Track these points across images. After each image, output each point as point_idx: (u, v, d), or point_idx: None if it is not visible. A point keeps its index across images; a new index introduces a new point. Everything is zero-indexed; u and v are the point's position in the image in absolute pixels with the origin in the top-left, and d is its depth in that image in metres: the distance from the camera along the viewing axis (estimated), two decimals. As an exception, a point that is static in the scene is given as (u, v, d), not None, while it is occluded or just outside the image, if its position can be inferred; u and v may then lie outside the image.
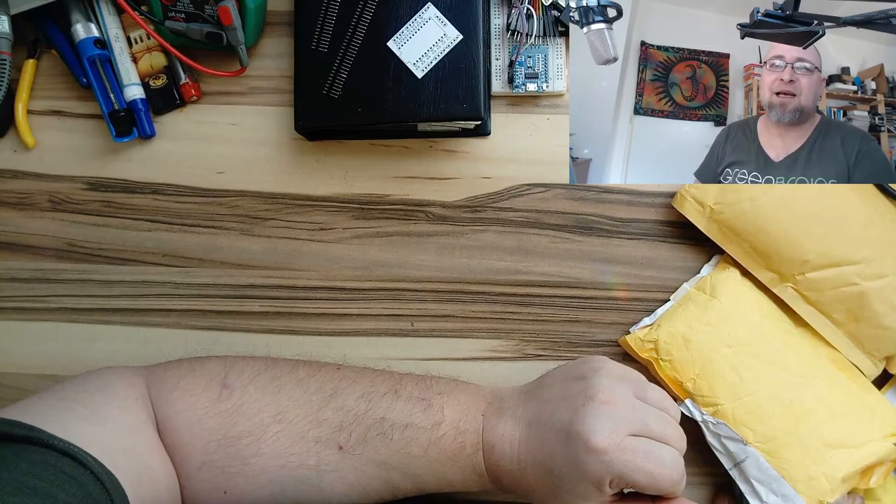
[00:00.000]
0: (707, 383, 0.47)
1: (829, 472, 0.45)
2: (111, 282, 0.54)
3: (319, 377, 0.44)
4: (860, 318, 0.48)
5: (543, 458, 0.40)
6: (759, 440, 0.46)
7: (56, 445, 0.34)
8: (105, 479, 0.35)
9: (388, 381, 0.44)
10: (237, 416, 0.43)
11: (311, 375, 0.44)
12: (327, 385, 0.44)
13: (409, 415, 0.42)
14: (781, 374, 0.46)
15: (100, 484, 0.34)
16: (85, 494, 0.33)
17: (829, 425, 0.45)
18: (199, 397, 0.43)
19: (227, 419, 0.42)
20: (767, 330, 0.48)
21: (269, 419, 0.43)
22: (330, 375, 0.44)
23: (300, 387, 0.44)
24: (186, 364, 0.45)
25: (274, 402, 0.43)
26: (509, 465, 0.41)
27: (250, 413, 0.43)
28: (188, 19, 0.51)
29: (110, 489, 0.34)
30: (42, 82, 0.55)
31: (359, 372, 0.45)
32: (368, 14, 0.50)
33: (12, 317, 0.55)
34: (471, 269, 0.53)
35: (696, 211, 0.50)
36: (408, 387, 0.44)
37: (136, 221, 0.54)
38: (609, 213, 0.53)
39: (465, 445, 0.42)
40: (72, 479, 0.33)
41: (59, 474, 0.33)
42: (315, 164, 0.54)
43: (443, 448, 0.42)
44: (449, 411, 0.42)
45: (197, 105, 0.55)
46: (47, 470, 0.33)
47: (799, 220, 0.48)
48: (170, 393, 0.43)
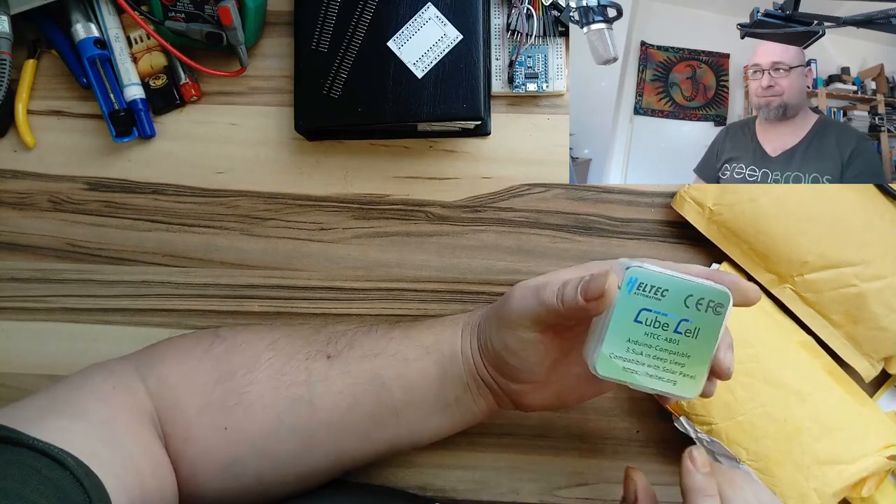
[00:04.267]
0: (701, 402, 0.47)
1: (821, 489, 0.45)
2: (111, 282, 0.54)
3: (311, 322, 0.46)
4: (858, 319, 0.48)
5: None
6: (753, 458, 0.46)
7: (34, 446, 0.34)
8: (84, 480, 0.34)
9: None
10: (231, 353, 0.43)
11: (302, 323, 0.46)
12: (319, 323, 0.45)
13: (400, 329, 0.45)
14: (776, 392, 0.46)
15: (78, 484, 0.34)
16: (60, 496, 0.33)
17: (822, 442, 0.46)
18: (193, 350, 0.44)
19: (221, 359, 0.43)
20: (763, 346, 0.48)
21: (262, 349, 0.44)
22: (322, 320, 0.46)
23: (292, 327, 0.47)
24: (177, 336, 0.47)
25: (267, 336, 0.45)
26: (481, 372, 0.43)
27: (243, 349, 0.44)
28: (188, 19, 0.51)
29: (89, 489, 0.34)
30: (42, 82, 0.55)
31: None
32: (368, 14, 0.50)
33: (12, 317, 0.55)
34: (471, 269, 0.53)
35: (695, 212, 0.50)
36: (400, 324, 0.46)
37: (136, 221, 0.54)
38: (609, 213, 0.53)
39: (445, 358, 0.43)
40: (47, 481, 0.33)
41: (33, 475, 0.32)
42: (315, 164, 0.54)
43: (427, 364, 0.43)
44: (434, 332, 0.44)
45: (197, 105, 0.55)
46: (23, 471, 0.32)
47: (798, 221, 0.48)
48: (163, 355, 0.44)
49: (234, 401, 0.42)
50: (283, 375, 0.43)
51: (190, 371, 0.43)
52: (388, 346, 0.44)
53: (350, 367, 0.43)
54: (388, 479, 0.53)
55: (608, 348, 0.36)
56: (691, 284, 0.36)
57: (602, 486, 0.52)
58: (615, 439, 0.52)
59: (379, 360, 0.43)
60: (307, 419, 0.43)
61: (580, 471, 0.52)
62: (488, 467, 0.53)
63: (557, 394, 0.43)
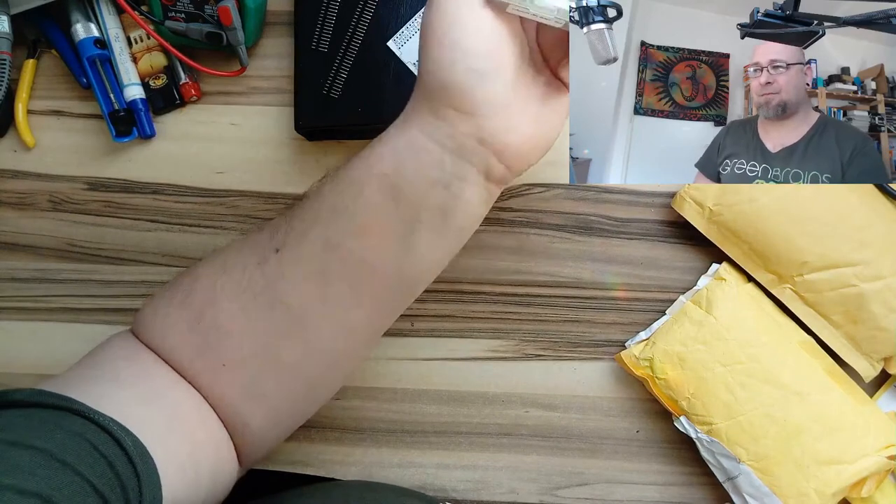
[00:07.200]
0: (701, 402, 0.47)
1: (820, 488, 0.45)
2: (111, 282, 0.54)
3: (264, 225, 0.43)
4: (858, 319, 0.48)
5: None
6: (752, 458, 0.46)
7: (96, 419, 0.34)
8: (139, 463, 0.33)
9: None
10: (193, 295, 0.42)
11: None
12: (268, 221, 0.42)
13: (329, 178, 0.40)
14: (776, 393, 0.46)
15: (132, 468, 0.33)
16: (114, 478, 0.32)
17: (822, 442, 0.46)
18: (169, 307, 0.42)
19: (187, 306, 0.42)
20: (763, 346, 0.48)
21: (216, 275, 0.41)
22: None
23: (241, 238, 0.43)
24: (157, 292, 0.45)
25: (219, 259, 0.42)
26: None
27: (202, 284, 0.42)
28: (188, 19, 0.51)
29: (142, 475, 0.33)
30: (42, 82, 0.55)
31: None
32: (368, 14, 0.50)
33: (12, 317, 0.55)
34: (470, 269, 0.53)
35: (695, 212, 0.50)
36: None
37: (136, 221, 0.54)
38: (609, 213, 0.53)
39: (388, 176, 0.38)
40: (102, 460, 0.32)
41: (91, 452, 0.32)
42: (315, 164, 0.54)
43: (370, 194, 0.38)
44: (363, 159, 0.39)
45: (197, 105, 0.55)
46: (82, 445, 0.32)
47: (798, 221, 0.48)
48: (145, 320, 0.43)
49: (214, 337, 0.40)
50: (244, 292, 0.40)
51: (165, 322, 0.42)
52: (322, 204, 0.39)
53: (299, 250, 0.39)
54: (388, 478, 0.53)
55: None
56: None
57: (602, 486, 0.52)
58: (615, 439, 0.52)
59: (319, 225, 0.39)
60: (289, 320, 0.40)
61: (580, 471, 0.52)
62: (488, 467, 0.53)
63: (537, 118, 0.38)
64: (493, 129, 0.36)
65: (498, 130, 0.36)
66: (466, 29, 0.34)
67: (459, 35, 0.34)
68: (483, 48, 0.35)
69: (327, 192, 0.39)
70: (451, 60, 0.35)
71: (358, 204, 0.38)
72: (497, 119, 0.36)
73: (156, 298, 0.44)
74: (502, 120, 0.36)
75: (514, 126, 0.37)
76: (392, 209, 0.37)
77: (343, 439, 0.53)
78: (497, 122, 0.36)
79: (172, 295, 0.43)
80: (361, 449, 0.53)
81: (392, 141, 0.38)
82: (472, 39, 0.35)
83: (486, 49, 0.35)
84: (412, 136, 0.37)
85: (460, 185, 0.37)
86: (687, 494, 0.52)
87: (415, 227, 0.38)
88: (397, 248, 0.38)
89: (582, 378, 0.53)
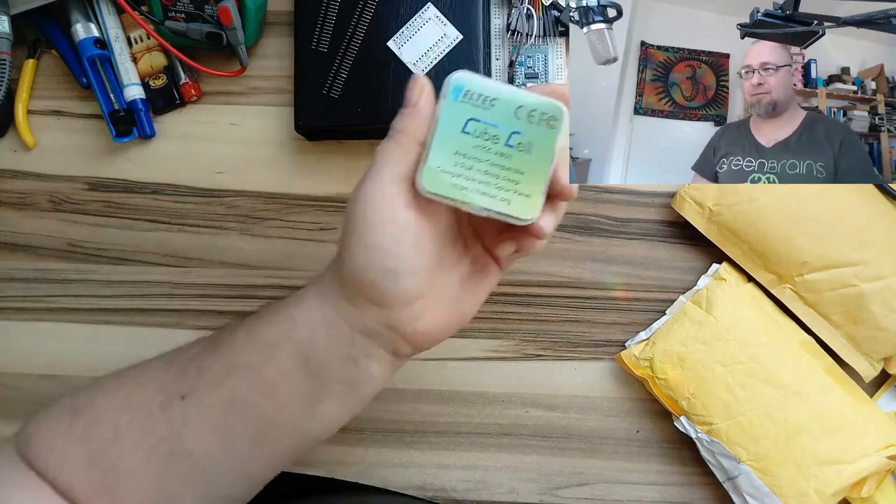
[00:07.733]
0: (701, 402, 0.47)
1: (820, 488, 0.45)
2: (111, 282, 0.54)
3: (166, 353, 0.42)
4: (858, 319, 0.48)
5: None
6: (752, 458, 0.46)
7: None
8: None
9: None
10: (92, 428, 0.40)
11: (156, 356, 0.42)
12: (171, 352, 0.41)
13: (244, 329, 0.40)
14: (775, 393, 0.47)
15: None
16: None
17: (822, 442, 0.46)
18: (56, 430, 0.41)
19: (87, 440, 0.40)
20: (763, 346, 0.48)
21: (118, 412, 0.40)
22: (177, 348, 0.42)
23: (142, 372, 0.42)
24: (41, 414, 0.43)
25: (121, 394, 0.41)
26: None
27: (102, 418, 0.41)
28: (188, 19, 0.51)
29: None
30: (42, 82, 0.55)
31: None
32: (368, 14, 0.50)
33: (12, 317, 0.55)
34: (471, 269, 0.53)
35: (695, 212, 0.50)
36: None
37: (136, 221, 0.54)
38: (609, 213, 0.53)
39: (302, 344, 0.38)
40: None
41: None
42: (315, 164, 0.54)
43: (282, 359, 0.38)
44: (277, 322, 0.40)
45: (197, 105, 0.55)
46: None
47: (797, 221, 0.48)
48: (31, 438, 0.41)
49: (113, 479, 0.40)
50: (147, 436, 0.40)
51: (61, 456, 0.40)
52: (233, 357, 0.39)
53: (206, 400, 0.39)
54: (388, 478, 0.53)
55: (435, 161, 0.33)
56: (521, 95, 0.33)
57: (602, 486, 0.52)
58: (615, 439, 0.52)
59: (230, 379, 0.39)
60: (191, 468, 0.40)
61: (580, 471, 0.52)
62: (488, 467, 0.53)
63: (452, 303, 0.39)
64: (402, 320, 0.37)
65: (408, 320, 0.37)
66: (386, 231, 0.35)
67: (379, 237, 0.35)
68: (401, 251, 0.35)
69: (240, 346, 0.40)
70: (368, 259, 0.35)
71: (270, 366, 0.38)
72: (407, 311, 0.37)
73: (50, 421, 0.42)
74: (414, 310, 0.37)
75: (425, 315, 0.37)
76: (302, 376, 0.38)
77: (343, 439, 0.53)
78: (407, 314, 0.37)
79: (72, 423, 0.41)
80: (361, 449, 0.53)
81: (310, 312, 0.39)
82: (391, 241, 0.35)
83: (404, 251, 0.35)
84: (327, 313, 0.38)
85: (367, 361, 0.38)
86: (687, 494, 0.52)
87: (322, 395, 0.39)
88: (303, 411, 0.39)
89: (582, 378, 0.53)
